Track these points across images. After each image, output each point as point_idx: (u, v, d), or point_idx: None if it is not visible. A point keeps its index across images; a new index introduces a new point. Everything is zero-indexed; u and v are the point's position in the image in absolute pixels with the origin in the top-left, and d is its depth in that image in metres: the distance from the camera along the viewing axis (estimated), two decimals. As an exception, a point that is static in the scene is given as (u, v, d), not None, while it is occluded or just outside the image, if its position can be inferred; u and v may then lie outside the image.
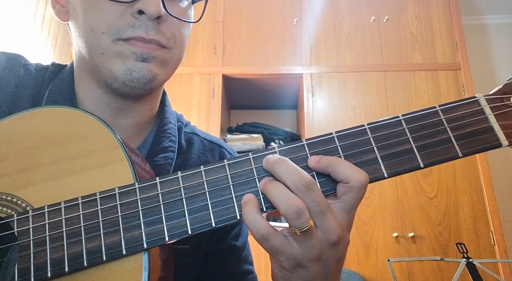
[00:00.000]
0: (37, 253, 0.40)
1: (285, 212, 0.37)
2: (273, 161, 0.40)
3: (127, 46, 0.51)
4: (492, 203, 2.04)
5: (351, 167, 0.39)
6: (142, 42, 0.51)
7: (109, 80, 0.53)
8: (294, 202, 0.37)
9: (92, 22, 0.51)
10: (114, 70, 0.51)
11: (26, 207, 0.43)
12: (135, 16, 0.50)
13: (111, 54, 0.51)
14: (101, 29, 0.50)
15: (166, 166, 0.59)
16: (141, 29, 0.50)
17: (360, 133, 0.42)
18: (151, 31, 0.51)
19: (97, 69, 0.54)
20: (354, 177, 0.38)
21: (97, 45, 0.51)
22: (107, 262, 0.40)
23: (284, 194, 0.38)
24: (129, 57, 0.51)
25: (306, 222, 0.37)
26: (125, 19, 0.50)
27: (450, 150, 0.41)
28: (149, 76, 0.52)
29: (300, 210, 0.37)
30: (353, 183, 0.38)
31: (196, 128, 0.72)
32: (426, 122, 0.42)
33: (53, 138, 0.46)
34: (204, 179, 0.42)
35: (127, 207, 0.41)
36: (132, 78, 0.51)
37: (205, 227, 0.40)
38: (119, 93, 0.55)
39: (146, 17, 0.50)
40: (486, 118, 0.42)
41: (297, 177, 0.38)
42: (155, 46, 0.52)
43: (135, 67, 0.51)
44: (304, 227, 0.37)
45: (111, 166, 0.44)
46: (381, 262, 1.98)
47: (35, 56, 2.23)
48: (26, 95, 0.57)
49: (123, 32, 0.50)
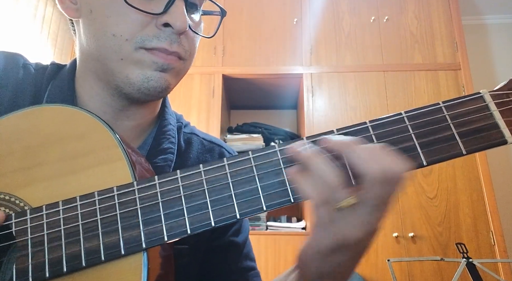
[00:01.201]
0: (35, 253, 0.40)
1: (311, 202, 0.39)
2: (305, 156, 0.40)
3: (149, 56, 0.52)
4: (492, 203, 2.04)
5: (366, 159, 0.37)
6: (165, 54, 0.52)
7: (122, 85, 0.53)
8: (318, 195, 0.38)
9: (115, 28, 0.51)
10: (131, 77, 0.52)
11: (24, 206, 0.42)
12: (160, 27, 0.52)
13: (130, 61, 0.52)
14: (124, 36, 0.51)
15: (165, 168, 0.59)
16: (166, 42, 0.52)
17: (361, 130, 0.42)
18: (174, 44, 0.52)
19: (111, 72, 0.54)
20: (370, 172, 0.37)
21: (117, 51, 0.52)
22: (105, 262, 0.40)
23: (312, 185, 0.39)
24: (150, 66, 0.52)
25: (330, 216, 0.38)
26: (150, 29, 0.52)
27: (454, 147, 0.40)
28: (164, 85, 0.54)
29: (326, 199, 0.38)
30: (369, 178, 0.37)
31: (195, 129, 0.72)
32: (429, 119, 0.41)
33: (52, 137, 0.45)
34: (204, 178, 0.41)
35: (125, 206, 0.41)
36: (149, 86, 0.53)
37: (205, 226, 0.40)
38: (128, 97, 0.56)
39: (171, 30, 0.52)
40: (491, 115, 0.41)
41: (331, 177, 0.38)
42: (175, 58, 0.54)
43: (154, 77, 0.52)
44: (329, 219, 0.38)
45: (109, 164, 0.43)
46: (381, 262, 1.97)
47: (35, 56, 2.23)
48: (26, 94, 0.57)
49: (147, 42, 0.51)
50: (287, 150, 0.41)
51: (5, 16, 2.02)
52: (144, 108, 0.60)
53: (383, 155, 0.38)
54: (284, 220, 2.34)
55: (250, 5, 2.58)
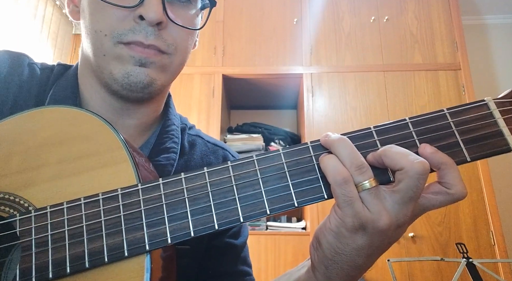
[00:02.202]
0: (38, 253, 0.40)
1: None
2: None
3: (126, 50, 0.52)
4: (492, 203, 2.04)
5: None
6: (141, 47, 0.52)
7: (109, 81, 0.54)
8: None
9: (97, 24, 0.52)
10: (114, 73, 0.52)
11: (28, 207, 0.43)
12: (136, 21, 0.51)
13: (111, 57, 0.52)
14: (104, 32, 0.52)
15: (167, 166, 0.59)
16: (141, 34, 0.51)
17: (366, 136, 0.42)
18: (150, 37, 0.52)
19: (99, 69, 0.54)
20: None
21: (100, 47, 0.52)
22: (109, 263, 0.40)
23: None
24: (128, 61, 0.52)
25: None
26: (127, 23, 0.51)
27: (458, 154, 0.40)
28: (146, 81, 0.53)
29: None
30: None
31: (200, 132, 0.73)
32: (433, 125, 0.42)
33: (56, 138, 0.45)
34: (207, 181, 0.41)
35: (129, 208, 0.41)
36: (130, 82, 0.52)
37: (208, 229, 0.40)
38: (119, 95, 0.56)
39: (146, 23, 0.51)
40: (496, 122, 0.41)
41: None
42: (153, 52, 0.53)
43: (133, 72, 0.52)
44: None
45: (114, 166, 0.44)
46: (381, 262, 1.96)
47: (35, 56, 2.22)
48: (30, 94, 0.57)
49: (124, 36, 0.51)
50: None
51: (5, 16, 2.02)
52: (143, 107, 0.60)
53: None
54: (284, 220, 2.34)
55: (250, 5, 2.58)
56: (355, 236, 0.40)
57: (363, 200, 0.39)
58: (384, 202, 0.39)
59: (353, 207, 0.38)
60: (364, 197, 0.39)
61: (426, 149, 0.40)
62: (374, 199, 0.39)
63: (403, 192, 0.38)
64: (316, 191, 0.41)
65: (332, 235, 0.41)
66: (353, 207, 0.39)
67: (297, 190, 0.41)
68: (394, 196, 0.39)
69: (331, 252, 0.42)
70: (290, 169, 0.41)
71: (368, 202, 0.39)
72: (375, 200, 0.39)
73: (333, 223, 0.41)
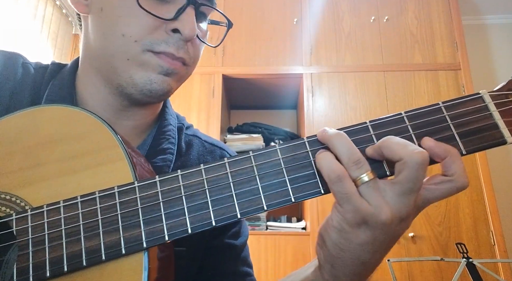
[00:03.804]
0: (35, 252, 0.40)
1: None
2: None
3: (156, 59, 0.53)
4: (492, 203, 2.04)
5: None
6: (170, 58, 0.53)
7: (125, 84, 0.54)
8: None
9: (126, 28, 0.52)
10: (135, 78, 0.53)
11: (25, 206, 0.42)
12: (168, 33, 0.53)
13: (136, 62, 0.53)
14: (134, 37, 0.52)
15: (164, 168, 0.59)
16: (174, 47, 0.53)
17: (361, 130, 0.42)
18: (181, 50, 0.54)
19: (114, 71, 0.54)
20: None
21: (125, 51, 0.52)
22: (106, 261, 0.40)
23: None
24: (154, 69, 0.53)
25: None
26: (159, 33, 0.53)
27: (453, 147, 0.40)
28: (166, 89, 0.55)
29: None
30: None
31: (198, 131, 0.72)
32: (429, 119, 0.42)
33: (53, 137, 0.45)
34: (204, 177, 0.41)
35: (126, 206, 0.41)
36: (151, 89, 0.54)
37: (205, 226, 0.40)
38: (130, 97, 0.56)
39: (179, 37, 0.53)
40: (491, 115, 0.41)
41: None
42: (179, 64, 0.55)
43: (157, 80, 0.53)
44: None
45: (110, 164, 0.43)
46: (381, 262, 1.97)
47: (35, 56, 2.23)
48: (24, 93, 0.57)
49: (156, 46, 0.52)
50: None
51: (5, 16, 2.02)
52: (144, 109, 0.61)
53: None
54: (284, 220, 2.34)
55: (250, 5, 2.58)
56: (357, 231, 0.39)
57: (362, 193, 0.39)
58: (385, 195, 0.39)
59: (352, 202, 0.38)
60: (363, 191, 0.39)
61: (430, 141, 0.40)
62: (374, 191, 0.38)
63: (403, 183, 0.38)
64: (313, 186, 0.41)
65: (335, 232, 0.41)
66: (351, 202, 0.38)
67: (294, 185, 0.41)
68: (394, 187, 0.38)
69: (336, 249, 0.41)
70: (287, 165, 0.41)
71: (368, 195, 0.38)
72: (374, 193, 0.38)
73: (335, 220, 0.41)
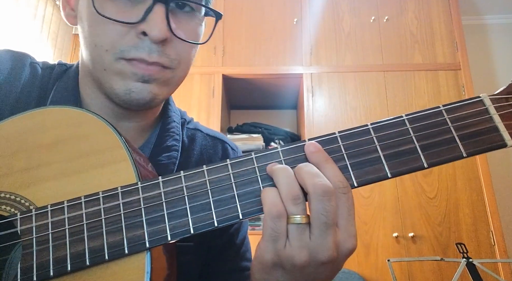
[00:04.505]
0: (39, 251, 0.40)
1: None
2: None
3: (128, 67, 0.50)
4: (492, 203, 2.04)
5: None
6: (144, 64, 0.50)
7: (110, 95, 0.53)
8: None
9: (96, 38, 0.50)
10: (115, 88, 0.51)
11: (29, 206, 0.43)
12: (139, 37, 0.49)
13: (112, 72, 0.51)
14: (104, 47, 0.50)
15: (169, 165, 0.59)
16: (144, 52, 0.49)
17: (363, 133, 0.42)
18: (154, 54, 0.50)
19: (99, 81, 0.54)
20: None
21: (100, 61, 0.51)
22: (109, 261, 0.40)
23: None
24: (130, 77, 0.50)
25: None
26: (129, 39, 0.49)
27: (454, 150, 0.41)
28: (148, 97, 0.52)
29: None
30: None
31: (199, 124, 0.72)
32: (430, 122, 0.42)
33: (57, 138, 0.46)
34: (207, 178, 0.42)
35: (129, 206, 0.41)
36: (131, 98, 0.51)
37: (207, 226, 0.40)
38: (120, 106, 0.55)
39: (150, 40, 0.49)
40: (491, 118, 0.41)
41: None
42: (157, 69, 0.51)
43: (135, 88, 0.50)
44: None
45: (114, 165, 0.44)
46: (381, 262, 1.98)
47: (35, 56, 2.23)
48: (32, 94, 0.57)
49: (126, 52, 0.49)
50: None
51: (5, 16, 2.02)
52: (143, 113, 0.60)
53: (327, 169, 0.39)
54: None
55: (250, 5, 2.58)
56: (275, 272, 0.40)
57: (289, 232, 0.38)
58: (308, 239, 0.38)
59: (276, 244, 0.38)
60: (291, 230, 0.38)
61: (310, 147, 0.41)
62: (300, 234, 0.38)
63: (315, 217, 0.37)
64: None
65: (257, 267, 0.41)
66: (276, 243, 0.38)
67: None
68: (313, 225, 0.38)
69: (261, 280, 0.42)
70: (290, 166, 0.41)
71: (293, 237, 0.38)
72: (300, 236, 0.38)
73: (256, 257, 0.41)
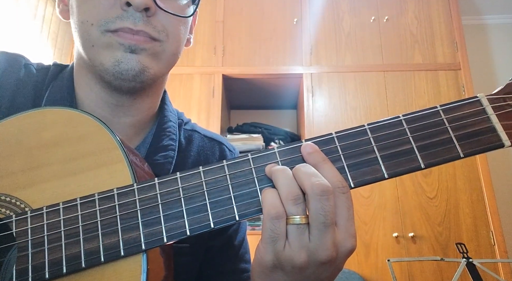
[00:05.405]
0: (35, 254, 0.40)
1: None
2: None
3: (115, 38, 0.51)
4: (492, 203, 2.04)
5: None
6: (130, 34, 0.51)
7: (101, 73, 0.53)
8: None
9: (83, 15, 0.52)
10: (104, 62, 0.52)
11: (24, 208, 0.43)
12: (123, 8, 0.51)
13: (100, 46, 0.51)
14: (90, 21, 0.51)
15: (166, 165, 0.59)
16: (128, 21, 0.50)
17: (360, 133, 0.42)
18: (139, 23, 0.51)
19: (90, 62, 0.54)
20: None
21: (88, 38, 0.52)
22: (105, 263, 0.40)
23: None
24: (118, 48, 0.51)
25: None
26: (114, 11, 0.51)
27: (451, 150, 0.40)
28: (138, 68, 0.52)
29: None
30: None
31: (196, 126, 0.72)
32: (427, 122, 0.42)
33: (52, 139, 0.45)
34: (203, 180, 0.42)
35: (125, 208, 0.41)
36: (121, 70, 0.51)
37: (204, 228, 0.40)
38: (113, 87, 0.55)
39: (134, 9, 0.50)
40: (488, 119, 0.41)
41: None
42: (144, 38, 0.52)
43: (123, 58, 0.51)
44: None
45: (110, 166, 0.44)
46: (381, 262, 1.97)
47: (35, 56, 2.23)
48: (27, 95, 0.57)
49: (111, 24, 0.50)
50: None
51: (5, 16, 2.02)
52: (138, 102, 0.59)
53: (325, 169, 0.39)
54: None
55: (250, 5, 2.58)
56: (275, 274, 0.40)
57: (289, 233, 0.38)
58: (307, 239, 0.38)
59: (275, 245, 0.38)
60: (290, 231, 0.38)
61: (307, 148, 0.41)
62: (300, 235, 0.38)
63: (314, 217, 0.37)
64: None
65: (257, 270, 0.41)
66: (275, 245, 0.38)
67: None
68: (311, 226, 0.38)
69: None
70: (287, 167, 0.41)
71: (293, 237, 0.38)
72: (300, 236, 0.38)
73: (256, 260, 0.41)
